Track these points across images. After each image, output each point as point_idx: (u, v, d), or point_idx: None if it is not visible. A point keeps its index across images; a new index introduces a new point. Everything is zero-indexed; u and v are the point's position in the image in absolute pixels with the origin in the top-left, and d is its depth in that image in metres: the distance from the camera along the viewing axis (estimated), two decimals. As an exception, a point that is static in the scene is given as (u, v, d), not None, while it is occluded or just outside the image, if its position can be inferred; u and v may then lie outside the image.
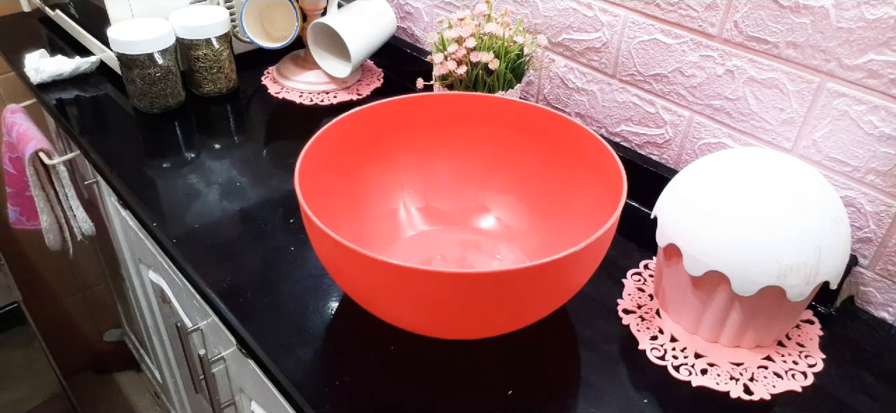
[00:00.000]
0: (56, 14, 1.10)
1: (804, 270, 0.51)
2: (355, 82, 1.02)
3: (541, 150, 0.66)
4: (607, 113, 0.81)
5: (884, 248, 0.62)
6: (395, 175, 0.70)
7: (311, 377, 0.55)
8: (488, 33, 0.72)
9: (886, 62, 0.56)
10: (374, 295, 0.50)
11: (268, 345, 0.58)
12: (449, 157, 0.70)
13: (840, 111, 0.61)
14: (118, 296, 1.45)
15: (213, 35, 0.90)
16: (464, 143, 0.70)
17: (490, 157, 0.70)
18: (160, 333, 1.18)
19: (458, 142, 0.70)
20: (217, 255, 0.68)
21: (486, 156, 0.70)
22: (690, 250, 0.55)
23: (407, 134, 0.68)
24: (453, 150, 0.70)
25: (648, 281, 0.66)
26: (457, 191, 0.71)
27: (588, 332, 0.60)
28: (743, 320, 0.56)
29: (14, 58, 1.05)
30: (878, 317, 0.64)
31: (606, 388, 0.55)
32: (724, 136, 0.71)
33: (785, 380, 0.56)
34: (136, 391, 1.69)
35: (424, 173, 0.71)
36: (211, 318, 0.76)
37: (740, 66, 0.66)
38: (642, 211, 0.76)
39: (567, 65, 0.83)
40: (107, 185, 0.93)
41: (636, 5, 0.73)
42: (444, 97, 0.67)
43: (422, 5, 1.02)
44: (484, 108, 0.67)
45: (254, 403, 0.74)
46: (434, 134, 0.69)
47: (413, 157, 0.70)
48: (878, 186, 0.61)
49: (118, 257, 1.13)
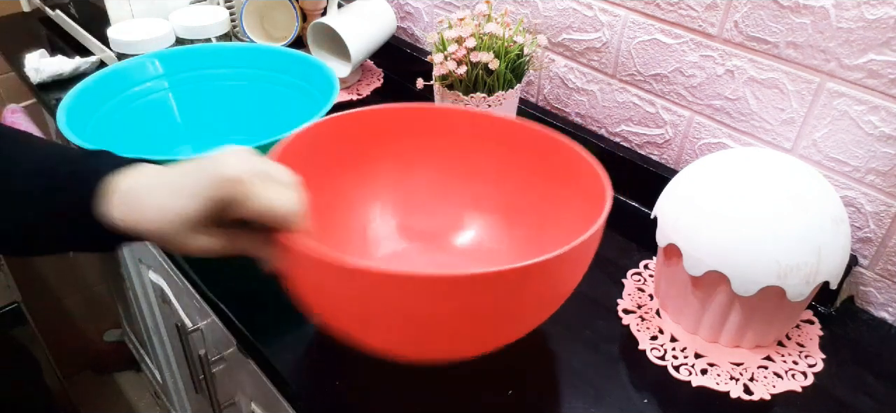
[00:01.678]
0: (56, 14, 1.10)
1: (804, 270, 0.51)
2: (355, 82, 1.02)
3: (523, 166, 0.61)
4: (607, 113, 0.81)
5: (884, 248, 0.62)
6: (370, 188, 0.64)
7: (310, 377, 0.55)
8: (488, 33, 0.72)
9: (886, 62, 0.56)
10: (353, 314, 0.45)
11: (268, 345, 0.58)
12: (427, 171, 0.64)
13: (840, 111, 0.61)
14: (118, 296, 1.45)
15: (213, 35, 0.90)
16: (444, 157, 0.64)
17: (471, 171, 0.64)
18: (160, 333, 1.18)
19: (438, 155, 0.64)
20: (217, 255, 0.68)
21: (467, 170, 0.64)
22: (690, 250, 0.55)
23: (383, 146, 0.63)
24: (432, 164, 0.64)
25: (648, 281, 0.66)
26: (435, 207, 0.65)
27: (588, 332, 0.60)
28: (743, 320, 0.56)
29: (14, 58, 1.05)
30: (878, 317, 0.64)
31: (606, 388, 0.55)
32: (724, 136, 0.71)
33: (785, 380, 0.56)
34: (136, 391, 1.69)
35: (401, 187, 0.65)
36: (211, 318, 0.76)
37: (740, 66, 0.66)
38: (642, 211, 0.76)
39: (567, 65, 0.83)
40: (107, 185, 0.93)
41: (636, 5, 0.73)
42: (422, 110, 0.63)
43: (422, 5, 1.02)
44: (467, 122, 0.62)
45: (254, 403, 0.74)
46: (412, 146, 0.63)
47: (389, 169, 0.64)
48: (878, 186, 0.61)
49: (118, 257, 1.13)
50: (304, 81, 0.80)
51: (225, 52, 0.84)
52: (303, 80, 0.81)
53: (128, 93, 0.78)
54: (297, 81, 0.81)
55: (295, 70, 0.82)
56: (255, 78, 0.84)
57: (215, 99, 0.84)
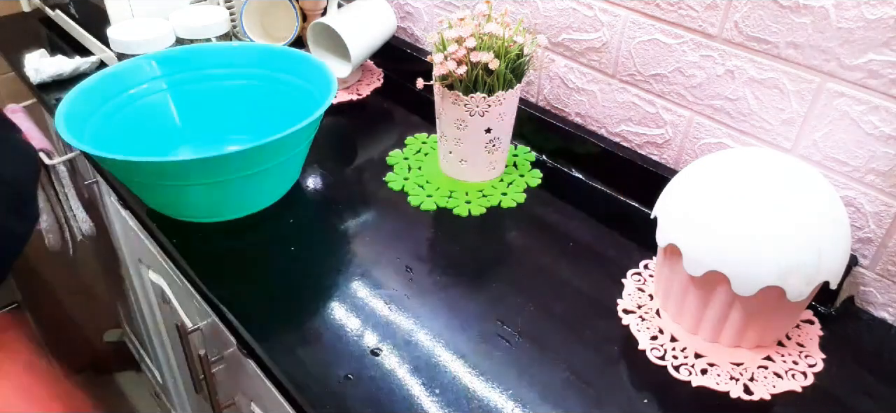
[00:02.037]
0: (56, 14, 1.10)
1: (804, 270, 0.51)
2: (355, 82, 1.02)
3: None
4: (607, 113, 0.81)
5: (884, 248, 0.62)
6: None
7: (310, 377, 0.55)
8: (488, 33, 0.72)
9: (886, 62, 0.56)
10: None
11: (268, 345, 0.58)
12: None
13: (840, 111, 0.61)
14: (118, 296, 1.45)
15: (213, 35, 0.90)
16: None
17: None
18: (160, 333, 1.18)
19: None
20: (217, 256, 0.68)
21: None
22: (690, 250, 0.55)
23: None
24: None
25: (648, 281, 0.66)
26: None
27: (588, 332, 0.60)
28: (743, 320, 0.56)
29: (14, 58, 1.05)
30: (878, 317, 0.64)
31: (606, 388, 0.55)
32: (724, 136, 0.71)
33: (785, 380, 0.56)
34: (136, 391, 1.69)
35: None
36: (211, 318, 0.76)
37: (740, 66, 0.66)
38: (642, 211, 0.76)
39: (567, 65, 0.83)
40: (107, 185, 0.93)
41: (636, 5, 0.73)
42: None
43: (422, 5, 1.02)
44: None
45: (254, 403, 0.74)
46: None
47: None
48: (878, 186, 0.61)
49: (118, 257, 1.13)
50: (304, 80, 0.80)
51: (221, 52, 0.85)
52: (302, 79, 0.81)
53: (125, 95, 0.79)
54: (295, 80, 0.81)
55: (293, 69, 0.82)
56: (253, 77, 0.84)
57: (213, 99, 0.84)
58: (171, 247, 0.69)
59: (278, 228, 0.72)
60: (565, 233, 0.72)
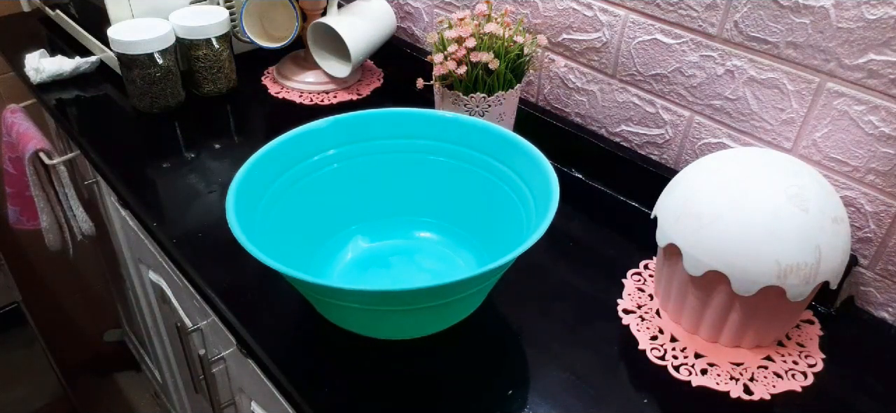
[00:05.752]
0: (56, 14, 1.10)
1: (804, 270, 0.51)
2: (355, 82, 1.02)
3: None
4: (607, 113, 0.81)
5: (884, 248, 0.62)
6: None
7: (310, 377, 0.55)
8: (488, 33, 0.72)
9: (886, 62, 0.56)
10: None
11: (268, 345, 0.58)
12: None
13: (840, 111, 0.61)
14: (118, 296, 1.45)
15: (213, 35, 0.90)
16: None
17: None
18: (160, 333, 1.18)
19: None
20: (217, 256, 0.68)
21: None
22: (690, 250, 0.55)
23: None
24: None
25: (648, 281, 0.66)
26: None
27: (588, 331, 0.60)
28: (743, 320, 0.56)
29: (14, 58, 1.05)
30: (878, 317, 0.64)
31: (606, 388, 0.55)
32: (723, 136, 0.71)
33: (785, 380, 0.56)
34: (136, 391, 1.69)
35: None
36: (211, 318, 0.76)
37: (740, 66, 0.66)
38: (642, 211, 0.76)
39: (567, 65, 0.83)
40: (107, 185, 0.93)
41: (636, 5, 0.73)
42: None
43: (422, 5, 1.02)
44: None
45: (254, 403, 0.74)
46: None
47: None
48: (878, 186, 0.61)
49: (118, 257, 1.13)
50: (513, 172, 0.64)
51: (411, 119, 0.67)
52: (512, 169, 0.64)
53: (295, 169, 0.65)
54: (502, 168, 0.65)
55: (503, 155, 0.65)
56: (453, 154, 0.67)
57: (391, 175, 0.69)
58: (171, 247, 0.69)
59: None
60: (565, 233, 0.72)
